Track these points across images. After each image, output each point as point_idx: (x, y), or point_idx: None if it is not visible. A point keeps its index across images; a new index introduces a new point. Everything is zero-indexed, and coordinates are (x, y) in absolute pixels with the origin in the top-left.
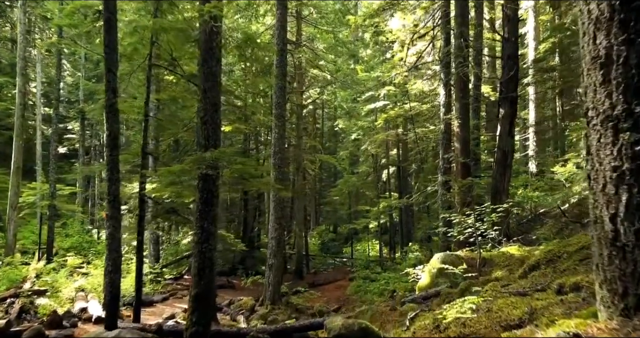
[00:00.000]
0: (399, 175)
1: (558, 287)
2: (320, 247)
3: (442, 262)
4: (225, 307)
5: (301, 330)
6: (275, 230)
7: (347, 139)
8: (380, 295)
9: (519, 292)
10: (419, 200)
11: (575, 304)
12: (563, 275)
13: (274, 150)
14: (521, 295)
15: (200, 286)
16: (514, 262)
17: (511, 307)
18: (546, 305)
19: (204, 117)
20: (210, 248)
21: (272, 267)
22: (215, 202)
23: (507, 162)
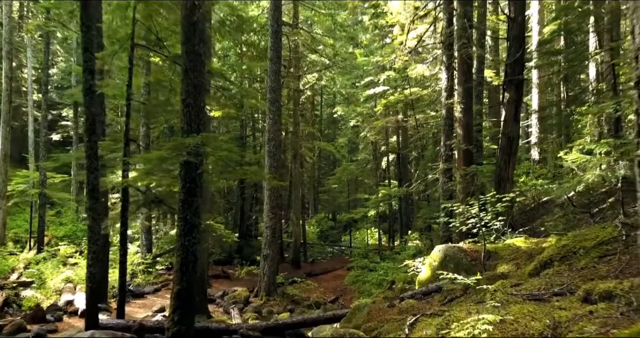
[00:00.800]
0: (398, 162)
1: (585, 294)
2: (318, 235)
3: (443, 254)
4: (219, 298)
5: (294, 327)
6: (270, 219)
7: (346, 126)
8: (379, 285)
9: (533, 296)
10: (419, 188)
11: (611, 319)
12: (581, 275)
13: (269, 137)
14: (537, 300)
15: (183, 282)
16: (520, 255)
17: (529, 318)
18: (572, 318)
19: (185, 99)
20: (194, 241)
21: (267, 258)
22: (198, 192)
23: (512, 149)
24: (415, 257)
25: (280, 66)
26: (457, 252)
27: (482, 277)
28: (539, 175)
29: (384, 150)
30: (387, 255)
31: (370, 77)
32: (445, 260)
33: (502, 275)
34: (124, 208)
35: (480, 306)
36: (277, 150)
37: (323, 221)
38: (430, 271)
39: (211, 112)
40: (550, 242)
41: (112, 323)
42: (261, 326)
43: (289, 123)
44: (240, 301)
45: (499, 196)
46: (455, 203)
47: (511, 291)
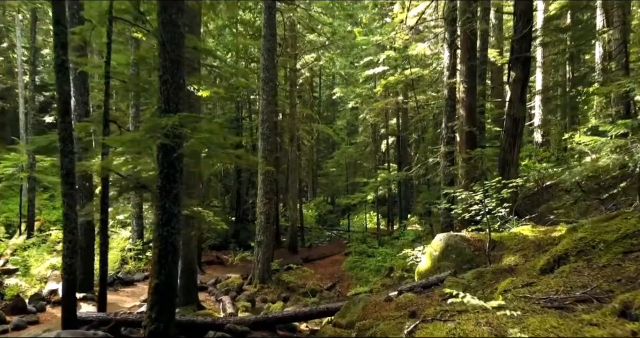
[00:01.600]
0: (398, 145)
1: (622, 307)
2: (317, 219)
3: (445, 244)
4: (211, 286)
5: (285, 321)
6: (264, 204)
7: (344, 108)
8: (377, 272)
9: (552, 302)
10: (419, 173)
11: None
12: (605, 275)
13: (262, 119)
14: (558, 308)
15: (162, 276)
16: (528, 246)
17: (552, 336)
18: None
19: (162, 75)
20: (173, 232)
21: (261, 244)
22: (178, 178)
23: (517, 130)
24: (415, 242)
25: (275, 44)
26: (460, 241)
27: (487, 269)
28: (541, 159)
29: (384, 133)
30: (385, 240)
31: (369, 57)
32: (447, 250)
33: (510, 268)
34: (103, 194)
35: (491, 315)
36: (271, 132)
37: (321, 205)
38: (431, 261)
39: (199, 92)
40: (560, 232)
41: (91, 317)
42: (249, 320)
43: (285, 105)
44: (233, 289)
45: (505, 182)
46: (458, 189)
47: (524, 292)
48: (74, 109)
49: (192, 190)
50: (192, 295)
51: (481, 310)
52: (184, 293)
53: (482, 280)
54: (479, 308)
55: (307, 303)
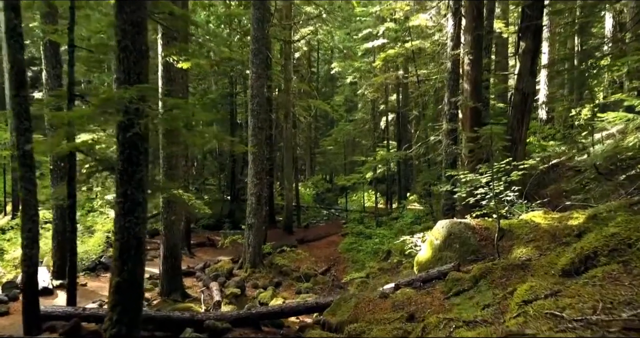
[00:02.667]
0: (398, 122)
1: None
2: (314, 198)
3: (447, 232)
4: (199, 271)
5: (271, 317)
6: (254, 185)
7: (343, 83)
8: (374, 254)
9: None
10: (420, 152)
11: None
12: None
13: (252, 94)
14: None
15: (124, 273)
16: (541, 236)
17: None
18: None
19: (121, 40)
20: (137, 222)
21: (252, 227)
22: (142, 161)
23: (526, 106)
24: (414, 224)
25: (265, 12)
26: (464, 229)
27: (496, 263)
28: (546, 136)
29: (383, 109)
30: (383, 221)
31: (368, 30)
32: (450, 239)
33: (522, 264)
34: (70, 177)
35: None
36: (261, 108)
37: (319, 183)
38: (431, 251)
39: (178, 64)
40: (577, 219)
41: (57, 311)
42: (231, 316)
43: (280, 79)
44: (222, 274)
45: (515, 163)
46: (462, 172)
47: (549, 307)
48: (45, 82)
49: (174, 171)
50: (177, 283)
51: (496, 323)
52: (167, 281)
53: (491, 277)
54: (492, 322)
55: (300, 289)
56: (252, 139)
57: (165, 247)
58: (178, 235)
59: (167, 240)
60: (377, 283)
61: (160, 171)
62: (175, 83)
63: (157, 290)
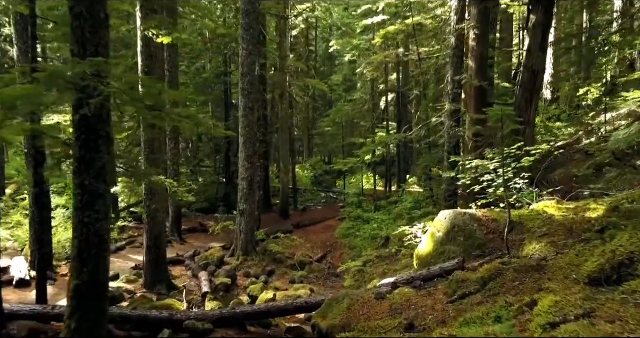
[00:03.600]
0: (398, 102)
1: None
2: (312, 180)
3: (451, 224)
4: (189, 259)
5: (256, 317)
6: (246, 169)
7: (342, 61)
8: (372, 240)
9: None
10: (421, 134)
11: None
12: None
13: (243, 72)
14: None
15: (84, 275)
16: (556, 229)
17: None
18: None
19: (74, 6)
20: (98, 217)
21: (244, 213)
22: (102, 147)
23: (535, 84)
24: (414, 209)
25: None
26: (469, 221)
27: (507, 263)
28: (551, 117)
29: (383, 89)
30: (382, 205)
31: (368, 5)
32: (453, 232)
33: (538, 265)
34: (37, 163)
35: None
36: (252, 87)
37: (318, 165)
38: (433, 244)
39: (158, 39)
40: (596, 211)
41: (24, 311)
42: (213, 316)
43: (275, 58)
44: (213, 263)
45: (528, 148)
46: (467, 158)
47: (584, 334)
48: (17, 59)
49: (157, 156)
50: (162, 273)
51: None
52: (151, 272)
53: (502, 279)
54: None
55: (293, 278)
56: (243, 121)
57: (149, 236)
58: (162, 224)
59: (150, 229)
60: (374, 273)
61: (142, 155)
62: (156, 60)
63: (141, 281)
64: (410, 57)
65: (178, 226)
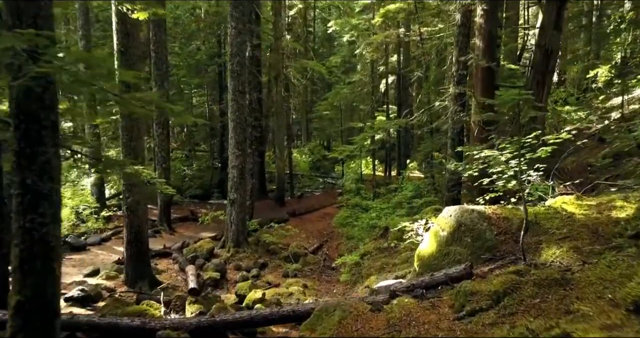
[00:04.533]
0: (399, 85)
1: None
2: (310, 165)
3: (456, 222)
4: (176, 251)
5: (238, 326)
6: (236, 157)
7: (340, 42)
8: (370, 230)
9: None
10: (423, 119)
11: None
12: None
13: (232, 52)
14: None
15: (26, 289)
16: (578, 231)
17: None
18: None
19: None
20: (44, 221)
21: (234, 203)
22: (47, 138)
23: (548, 66)
24: (414, 198)
25: None
26: (477, 219)
27: (524, 274)
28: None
29: (383, 71)
30: (381, 193)
31: None
32: (459, 231)
33: (563, 279)
34: None
35: None
36: (242, 69)
37: (316, 149)
38: (437, 244)
39: (133, 14)
40: (624, 210)
41: None
42: (191, 324)
43: (271, 39)
44: (201, 255)
45: (546, 138)
46: (475, 147)
47: None
48: None
49: (135, 143)
50: (144, 269)
51: None
52: (132, 268)
53: (519, 295)
54: None
55: (287, 271)
56: (232, 104)
57: (129, 230)
58: (144, 216)
59: (130, 222)
60: (372, 267)
61: (120, 143)
62: (133, 38)
63: (122, 277)
64: (412, 38)
65: (167, 215)
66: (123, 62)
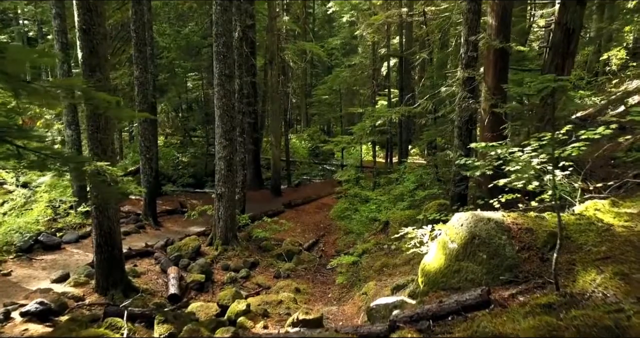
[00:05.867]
0: (401, 68)
1: None
2: (309, 152)
3: (469, 233)
4: (159, 250)
5: None
6: (223, 147)
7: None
8: (370, 224)
9: None
10: (428, 107)
11: None
12: None
13: (217, 32)
14: None
15: None
16: (620, 249)
17: None
18: None
19: None
20: None
21: (222, 197)
22: None
23: (569, 47)
24: (416, 190)
25: None
26: (495, 231)
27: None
28: None
29: (385, 53)
30: (381, 182)
31: None
32: (473, 244)
33: (617, 326)
34: None
35: None
36: (228, 50)
37: (316, 135)
38: (445, 258)
39: None
40: None
41: None
42: None
43: (262, 17)
44: (186, 254)
45: (581, 133)
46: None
47: None
48: None
49: (103, 136)
50: (117, 275)
51: None
52: (104, 275)
53: None
54: None
55: (279, 272)
56: (218, 90)
57: (98, 232)
58: (115, 217)
59: (99, 224)
60: (370, 268)
61: (87, 135)
62: (96, 14)
63: (93, 283)
64: (415, 18)
65: (152, 208)
66: (85, 42)
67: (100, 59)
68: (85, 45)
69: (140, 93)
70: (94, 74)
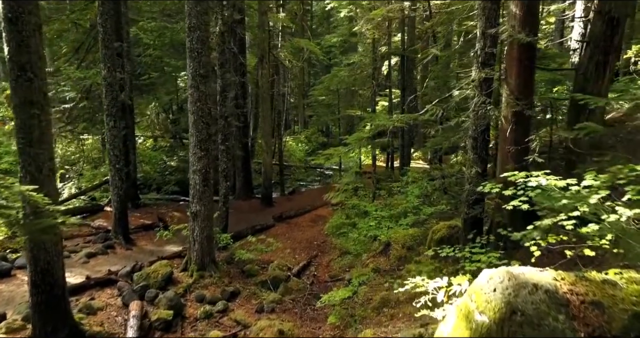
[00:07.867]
0: (402, 67)
1: None
2: (307, 155)
3: (506, 305)
4: (124, 278)
5: None
6: (198, 159)
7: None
8: (369, 243)
9: None
10: (437, 113)
11: None
12: None
13: (190, 25)
14: None
15: None
16: None
17: None
18: None
19: None
20: None
21: (197, 216)
22: None
23: (612, 41)
24: (422, 205)
25: None
26: (546, 305)
27: None
28: None
29: (385, 51)
30: (381, 193)
31: None
32: (513, 323)
33: None
34: None
35: None
36: (203, 47)
37: (314, 137)
38: (469, 331)
39: None
40: None
41: None
42: None
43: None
44: (155, 283)
45: None
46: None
47: None
48: None
49: (38, 150)
50: (58, 318)
51: None
52: (42, 319)
53: None
54: None
55: (262, 305)
56: (192, 92)
57: (33, 269)
58: (54, 250)
59: (34, 258)
60: (368, 305)
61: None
62: (26, 1)
63: (29, 328)
64: (418, 13)
65: (123, 225)
66: (12, 34)
67: (32, 55)
68: (12, 38)
69: (109, 95)
70: (24, 73)
